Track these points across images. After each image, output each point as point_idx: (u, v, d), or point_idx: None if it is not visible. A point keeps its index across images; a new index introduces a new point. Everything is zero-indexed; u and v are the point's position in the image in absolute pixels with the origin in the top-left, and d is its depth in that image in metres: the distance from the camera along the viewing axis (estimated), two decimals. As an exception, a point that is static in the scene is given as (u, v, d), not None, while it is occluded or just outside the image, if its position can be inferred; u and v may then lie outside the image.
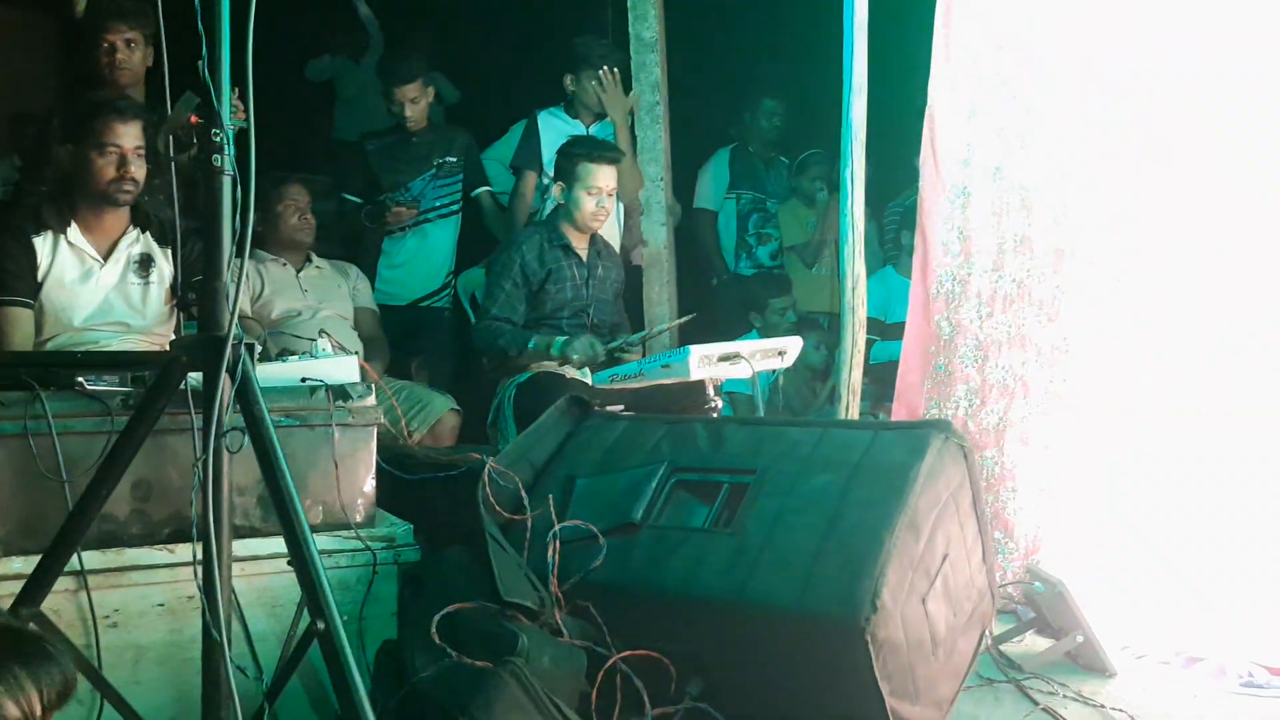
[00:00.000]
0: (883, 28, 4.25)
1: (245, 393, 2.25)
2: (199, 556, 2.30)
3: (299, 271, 4.70)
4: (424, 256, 5.16)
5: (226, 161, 2.26)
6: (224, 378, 2.24)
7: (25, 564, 2.66)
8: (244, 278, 2.34)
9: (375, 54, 6.96)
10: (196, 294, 2.28)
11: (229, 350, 2.22)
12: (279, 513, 2.23)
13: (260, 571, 2.88)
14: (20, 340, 3.56)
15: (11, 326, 3.58)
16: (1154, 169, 3.82)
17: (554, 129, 5.21)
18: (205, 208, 2.28)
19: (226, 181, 2.28)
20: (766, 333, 5.62)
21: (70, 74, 5.34)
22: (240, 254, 2.19)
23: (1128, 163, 3.87)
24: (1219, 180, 3.75)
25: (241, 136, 2.21)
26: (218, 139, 2.25)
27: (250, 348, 2.27)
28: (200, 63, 2.24)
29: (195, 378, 2.34)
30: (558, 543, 2.95)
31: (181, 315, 3.80)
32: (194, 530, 2.30)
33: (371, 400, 3.11)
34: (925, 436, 2.88)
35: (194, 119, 2.26)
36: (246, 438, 2.26)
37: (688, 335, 5.00)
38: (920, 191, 4.22)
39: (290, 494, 2.22)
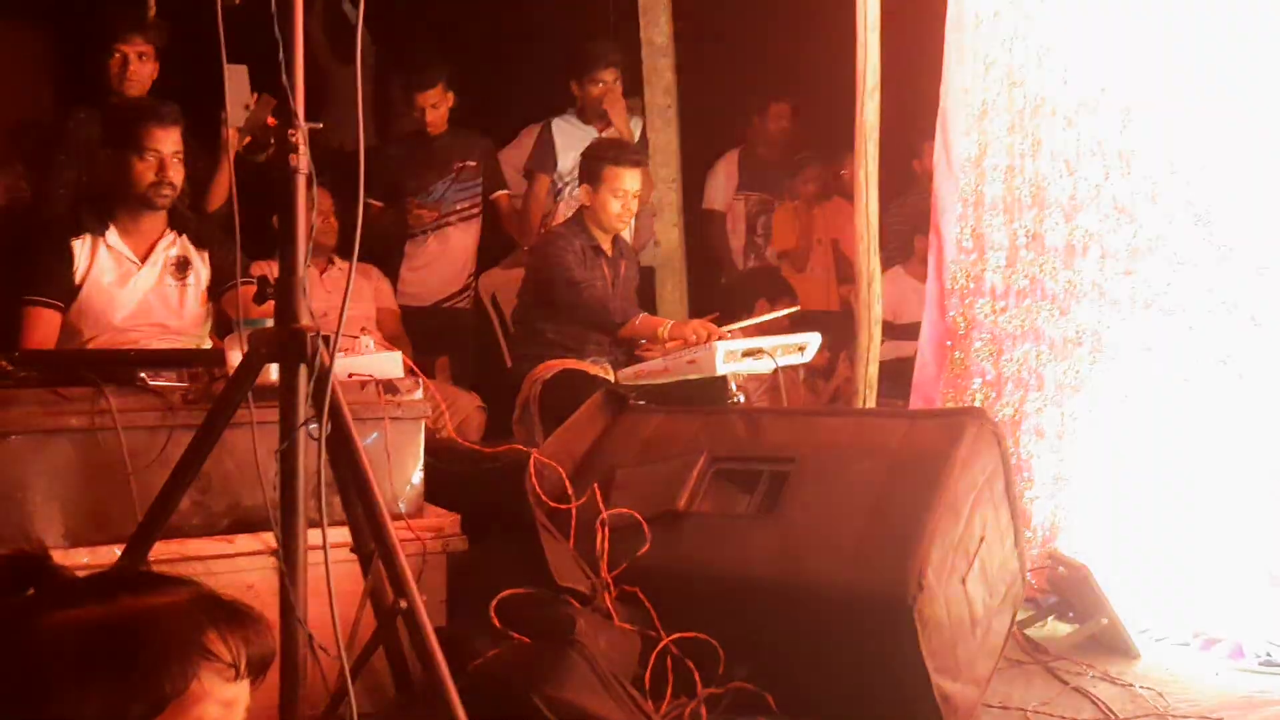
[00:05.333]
0: (887, 30, 4.35)
1: (322, 383, 2.33)
2: (278, 546, 2.37)
3: (322, 274, 4.77)
4: (445, 258, 5.23)
5: (302, 161, 2.34)
6: (302, 369, 2.31)
7: (92, 555, 2.73)
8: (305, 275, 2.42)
9: (369, 67, 7.00)
10: (274, 289, 2.36)
11: (308, 342, 2.30)
12: (361, 499, 2.32)
13: (316, 561, 2.95)
14: (40, 341, 3.61)
15: (34, 325, 3.62)
16: (1164, 162, 3.94)
17: (567, 134, 5.32)
18: (281, 206, 2.36)
19: (301, 180, 2.36)
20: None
21: (73, 82, 5.40)
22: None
23: (1137, 157, 3.98)
24: (1227, 169, 3.86)
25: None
26: (294, 139, 2.33)
27: (327, 340, 2.34)
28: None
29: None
30: (606, 529, 3.04)
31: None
32: (272, 518, 2.37)
33: (419, 394, 3.19)
34: (961, 424, 2.98)
35: (271, 120, 2.33)
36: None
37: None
38: (934, 190, 4.33)
39: (369, 480, 2.30)
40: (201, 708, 1.11)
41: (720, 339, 4.13)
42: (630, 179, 4.54)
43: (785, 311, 4.70)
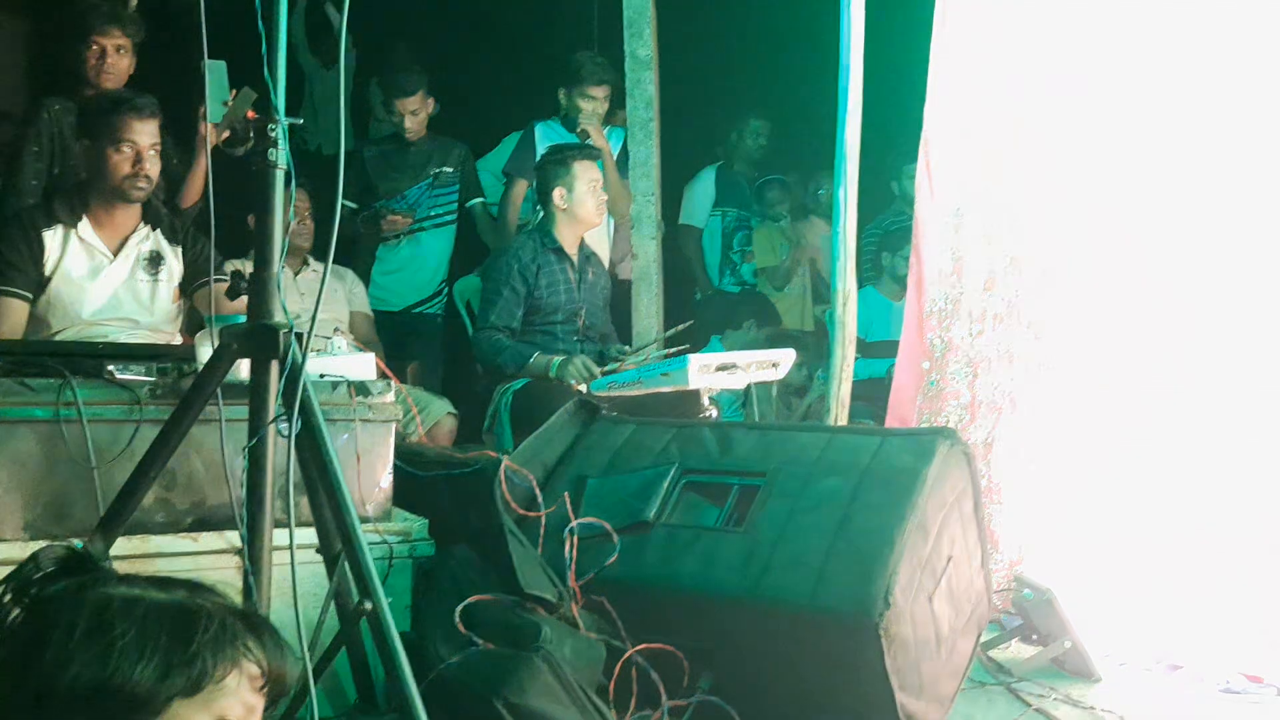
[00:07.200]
0: (870, 51, 4.36)
1: (293, 381, 2.30)
2: (243, 544, 2.35)
3: (296, 275, 4.74)
4: (418, 264, 5.23)
5: (281, 156, 2.32)
6: (274, 366, 2.29)
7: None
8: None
9: (349, 71, 6.97)
10: (248, 284, 2.34)
11: (281, 338, 2.28)
12: (330, 500, 2.29)
13: (282, 562, 2.92)
14: (7, 331, 3.57)
15: (1, 316, 3.58)
16: (1146, 189, 3.96)
17: (550, 141, 5.30)
18: (258, 200, 2.35)
19: (279, 175, 2.34)
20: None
21: (47, 73, 5.36)
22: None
23: (1120, 183, 4.01)
24: (1206, 195, 3.89)
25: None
26: (273, 134, 2.31)
27: (300, 337, 2.32)
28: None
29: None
30: (575, 538, 3.02)
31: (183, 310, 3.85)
32: (238, 517, 2.35)
33: (390, 397, 3.17)
34: (932, 442, 2.98)
35: (251, 114, 2.32)
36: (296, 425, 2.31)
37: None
38: (915, 213, 4.35)
39: (339, 481, 2.27)
40: (229, 702, 1.24)
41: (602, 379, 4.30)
42: (596, 170, 4.68)
43: (679, 343, 4.70)
